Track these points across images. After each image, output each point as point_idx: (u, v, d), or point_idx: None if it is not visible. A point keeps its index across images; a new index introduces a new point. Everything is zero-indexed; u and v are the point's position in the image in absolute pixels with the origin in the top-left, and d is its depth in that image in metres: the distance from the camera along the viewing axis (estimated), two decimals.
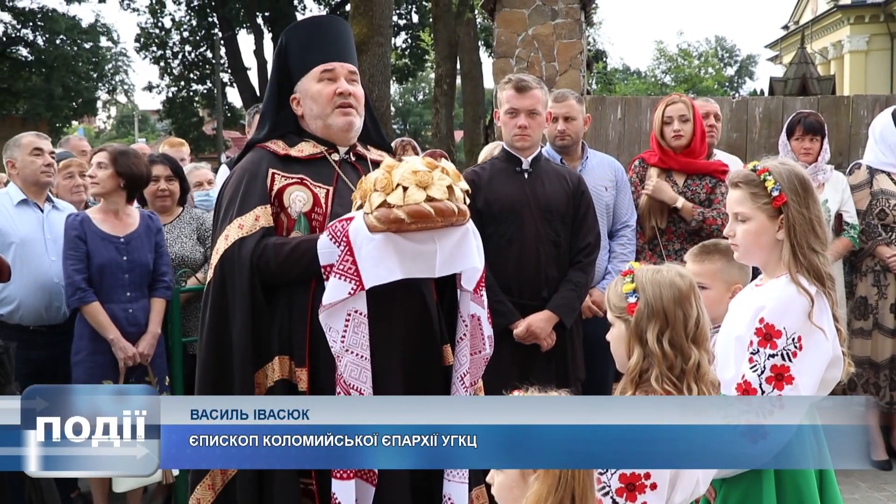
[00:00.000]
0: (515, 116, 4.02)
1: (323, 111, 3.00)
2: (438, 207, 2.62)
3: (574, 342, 4.07)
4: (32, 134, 4.68)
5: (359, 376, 2.69)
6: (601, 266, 4.46)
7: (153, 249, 4.44)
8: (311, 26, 3.13)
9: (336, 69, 3.00)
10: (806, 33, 18.00)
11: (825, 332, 2.45)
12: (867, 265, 5.36)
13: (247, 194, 2.90)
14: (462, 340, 2.95)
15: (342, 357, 2.67)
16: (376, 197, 2.64)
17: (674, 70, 43.42)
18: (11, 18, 28.91)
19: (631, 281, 2.19)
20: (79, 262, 4.26)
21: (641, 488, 2.06)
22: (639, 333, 2.15)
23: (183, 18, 30.32)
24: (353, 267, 2.64)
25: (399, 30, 28.59)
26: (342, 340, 2.67)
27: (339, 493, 2.67)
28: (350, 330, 2.67)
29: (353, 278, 2.64)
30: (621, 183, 4.63)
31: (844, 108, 6.75)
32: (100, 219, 4.37)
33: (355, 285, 2.64)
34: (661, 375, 2.12)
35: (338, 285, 2.65)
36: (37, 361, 4.36)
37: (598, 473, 2.08)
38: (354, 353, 2.68)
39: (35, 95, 28.21)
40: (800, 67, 9.68)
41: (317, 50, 3.02)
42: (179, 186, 4.92)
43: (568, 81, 7.65)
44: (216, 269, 2.86)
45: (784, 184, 2.50)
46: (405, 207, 2.59)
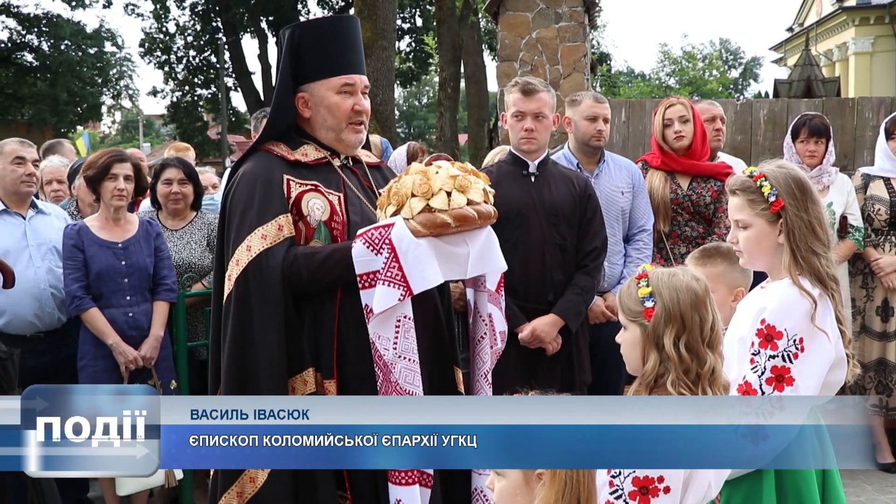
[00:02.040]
0: (522, 119, 4.01)
1: (338, 125, 2.98)
2: (479, 210, 2.70)
3: (580, 346, 4.05)
4: (16, 141, 4.58)
5: (413, 381, 2.68)
6: (617, 271, 4.43)
7: (153, 254, 4.44)
8: (336, 27, 3.05)
9: (356, 84, 2.98)
10: (811, 35, 17.96)
11: (828, 334, 2.44)
12: (857, 268, 5.38)
13: (265, 202, 2.85)
14: (483, 339, 2.97)
15: (396, 364, 2.67)
16: (417, 202, 2.66)
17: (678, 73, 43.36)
18: (16, 24, 29.02)
19: (647, 285, 2.17)
20: (76, 270, 4.27)
21: (655, 492, 2.05)
22: (655, 338, 2.13)
23: (187, 23, 30.40)
24: (400, 273, 2.64)
25: (403, 33, 28.62)
26: (394, 347, 2.67)
27: (404, 499, 2.67)
28: (401, 336, 2.68)
29: (401, 284, 2.64)
30: (638, 186, 4.58)
31: (849, 110, 6.72)
32: (97, 226, 4.38)
33: (404, 291, 2.64)
34: (677, 380, 2.11)
35: (386, 292, 2.64)
36: (39, 368, 4.34)
37: (611, 476, 2.07)
38: (406, 359, 2.68)
39: (40, 101, 28.31)
40: (804, 69, 9.66)
41: (339, 58, 2.97)
42: (193, 190, 4.92)
43: (572, 84, 7.64)
44: (239, 281, 2.80)
45: (781, 188, 2.49)
46: (451, 212, 2.65)
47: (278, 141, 3.01)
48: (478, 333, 3.00)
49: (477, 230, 2.76)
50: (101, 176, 4.31)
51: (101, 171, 4.31)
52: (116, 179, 4.33)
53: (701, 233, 4.67)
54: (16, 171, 4.45)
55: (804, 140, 5.18)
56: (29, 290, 4.35)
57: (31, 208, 4.56)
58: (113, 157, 4.38)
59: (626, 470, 2.06)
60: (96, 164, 4.32)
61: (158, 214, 4.93)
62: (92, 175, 4.32)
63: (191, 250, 4.81)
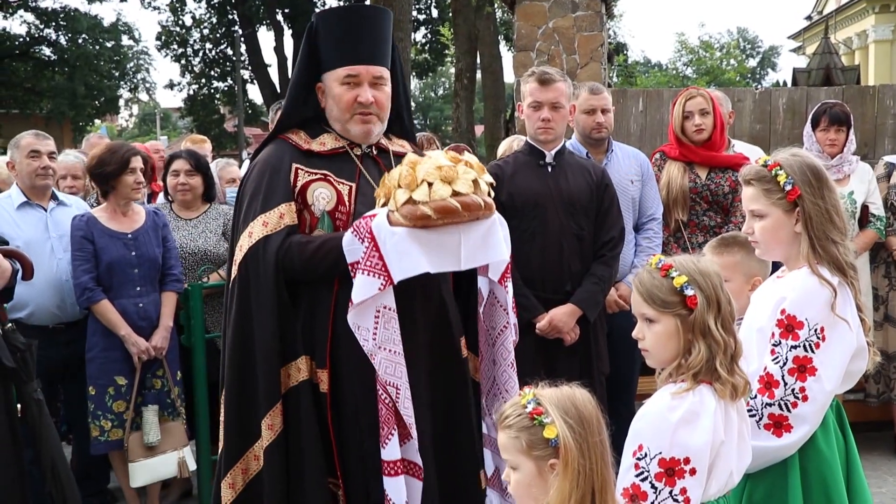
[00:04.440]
0: (539, 109, 3.98)
1: (342, 116, 2.96)
2: (464, 202, 2.62)
3: (598, 336, 4.03)
4: (31, 134, 4.61)
5: (394, 372, 2.67)
6: (627, 260, 4.40)
7: (160, 244, 4.48)
8: (348, 17, 3.01)
9: (361, 74, 2.92)
10: (830, 23, 17.79)
11: (849, 322, 2.42)
12: (880, 256, 5.33)
13: (270, 190, 2.87)
14: (506, 329, 2.95)
15: (375, 355, 2.66)
16: (401, 194, 2.63)
17: (695, 62, 43.08)
18: (34, 18, 29.17)
19: (679, 274, 2.15)
20: (86, 262, 4.29)
21: (681, 473, 2.04)
22: (703, 325, 2.11)
23: (203, 16, 30.52)
24: (381, 262, 2.62)
25: (419, 25, 28.59)
26: (374, 338, 2.65)
27: (389, 490, 2.67)
28: (381, 326, 2.66)
29: (381, 273, 2.62)
30: (647, 175, 4.56)
31: (870, 98, 6.65)
32: (106, 217, 4.40)
33: (384, 280, 2.62)
34: (723, 361, 2.10)
35: (366, 282, 2.62)
36: (59, 359, 4.39)
37: (637, 459, 2.07)
38: (387, 350, 2.66)
39: (58, 95, 28.48)
40: (824, 58, 9.55)
41: (346, 48, 2.94)
42: (203, 181, 4.93)
43: (589, 74, 7.59)
44: (241, 266, 2.84)
45: (797, 176, 2.46)
46: (431, 203, 2.59)
47: (300, 129, 3.02)
48: (499, 324, 2.97)
49: (474, 222, 2.69)
50: (121, 170, 4.34)
51: (122, 165, 4.34)
52: (135, 172, 4.38)
53: (719, 222, 4.64)
54: (31, 164, 4.47)
55: (825, 128, 5.12)
56: (51, 281, 4.38)
57: (52, 200, 4.59)
58: (129, 151, 4.42)
59: (653, 451, 2.05)
60: (114, 159, 4.34)
61: (172, 206, 4.97)
62: (111, 170, 4.34)
63: (206, 238, 4.83)
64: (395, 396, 2.67)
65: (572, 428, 1.87)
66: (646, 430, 2.09)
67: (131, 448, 4.32)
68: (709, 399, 2.09)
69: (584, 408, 1.91)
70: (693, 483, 2.05)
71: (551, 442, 1.87)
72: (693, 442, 2.04)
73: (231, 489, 2.85)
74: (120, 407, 4.32)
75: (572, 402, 1.91)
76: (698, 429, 2.05)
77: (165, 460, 4.38)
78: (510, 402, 1.98)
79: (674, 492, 2.04)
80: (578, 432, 1.87)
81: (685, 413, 2.06)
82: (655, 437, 2.06)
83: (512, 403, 1.97)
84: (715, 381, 2.10)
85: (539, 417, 1.89)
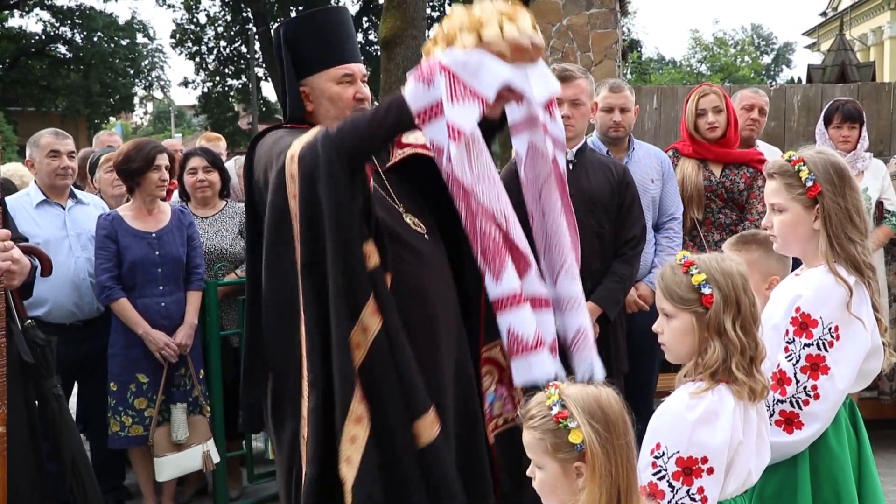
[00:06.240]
0: (559, 107, 3.96)
1: (341, 114, 2.93)
2: (534, 42, 2.52)
3: (617, 334, 4.01)
4: (51, 133, 4.63)
5: (499, 200, 2.55)
6: (647, 259, 4.36)
7: (185, 243, 4.49)
8: (330, 19, 3.03)
9: (355, 72, 2.97)
10: (845, 19, 17.69)
11: (864, 322, 2.42)
12: (893, 254, 5.31)
13: None
14: (550, 177, 2.80)
15: (476, 184, 2.49)
16: (468, 37, 2.49)
17: (709, 59, 42.95)
18: (50, 17, 29.34)
19: (698, 272, 2.15)
20: (107, 261, 4.32)
21: (698, 472, 2.04)
22: (717, 325, 2.11)
23: (218, 14, 30.58)
24: (466, 88, 2.45)
25: (433, 22, 28.55)
26: (470, 169, 2.48)
27: (514, 324, 2.51)
28: (474, 158, 2.51)
29: (474, 97, 2.46)
30: (668, 174, 4.51)
31: (886, 94, 6.62)
32: (131, 216, 4.42)
33: (479, 103, 2.46)
34: (739, 363, 2.10)
35: (466, 110, 2.44)
36: (78, 357, 4.42)
37: (654, 457, 2.07)
38: (486, 179, 2.53)
39: (73, 92, 28.66)
40: (838, 54, 9.52)
41: (337, 48, 2.97)
42: (220, 178, 4.94)
43: (603, 72, 7.58)
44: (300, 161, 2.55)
45: (819, 173, 2.47)
46: (507, 41, 2.46)
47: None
48: (542, 173, 2.79)
49: (531, 63, 2.57)
50: (147, 167, 4.35)
51: (147, 163, 4.35)
52: (160, 170, 4.39)
53: (734, 220, 4.63)
54: (51, 164, 4.50)
55: (837, 125, 5.10)
56: (69, 279, 4.41)
57: (70, 198, 4.62)
58: (156, 148, 4.43)
59: (671, 450, 2.05)
60: (140, 156, 4.36)
61: (188, 204, 4.96)
62: (136, 167, 4.36)
63: (222, 237, 4.84)
64: (507, 227, 2.56)
65: (598, 433, 1.84)
66: (664, 428, 2.09)
67: (157, 443, 4.35)
68: (728, 399, 2.09)
69: (609, 409, 1.89)
70: (710, 482, 2.05)
71: (577, 447, 1.85)
72: (711, 441, 2.05)
73: (347, 464, 2.51)
74: (141, 404, 4.35)
75: (598, 404, 1.88)
76: (716, 428, 2.06)
77: (190, 454, 4.41)
78: (536, 400, 1.95)
79: (691, 491, 2.04)
80: (604, 437, 1.84)
81: (703, 412, 2.06)
82: (673, 435, 2.07)
83: (537, 402, 1.94)
84: (731, 382, 2.10)
85: (564, 421, 1.86)
